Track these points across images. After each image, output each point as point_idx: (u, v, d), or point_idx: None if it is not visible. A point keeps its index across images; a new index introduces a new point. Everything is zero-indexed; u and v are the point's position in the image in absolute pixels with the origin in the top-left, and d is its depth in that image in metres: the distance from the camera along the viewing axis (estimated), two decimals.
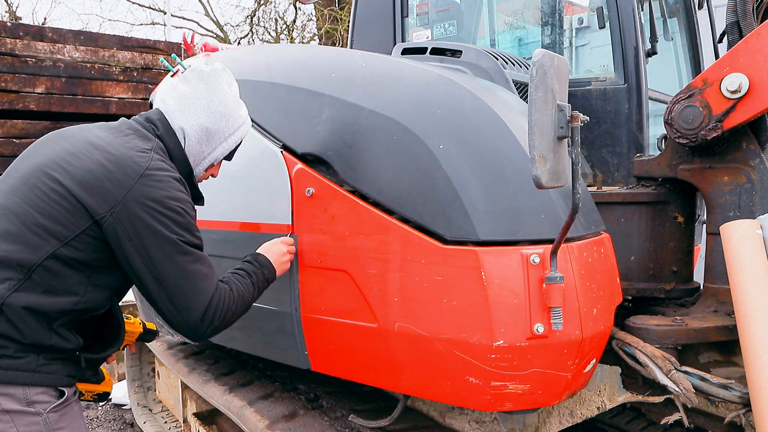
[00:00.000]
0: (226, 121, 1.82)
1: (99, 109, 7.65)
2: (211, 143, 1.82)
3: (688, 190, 2.27)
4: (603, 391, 2.29)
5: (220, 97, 1.79)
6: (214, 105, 1.78)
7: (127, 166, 1.55)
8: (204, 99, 1.77)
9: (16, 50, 7.09)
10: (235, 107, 1.84)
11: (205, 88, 1.77)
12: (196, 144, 1.79)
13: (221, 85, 1.80)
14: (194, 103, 1.76)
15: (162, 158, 1.66)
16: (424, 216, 1.82)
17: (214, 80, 1.79)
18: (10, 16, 16.68)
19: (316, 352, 2.16)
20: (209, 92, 1.78)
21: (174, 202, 1.58)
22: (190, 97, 1.76)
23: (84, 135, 1.65)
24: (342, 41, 12.89)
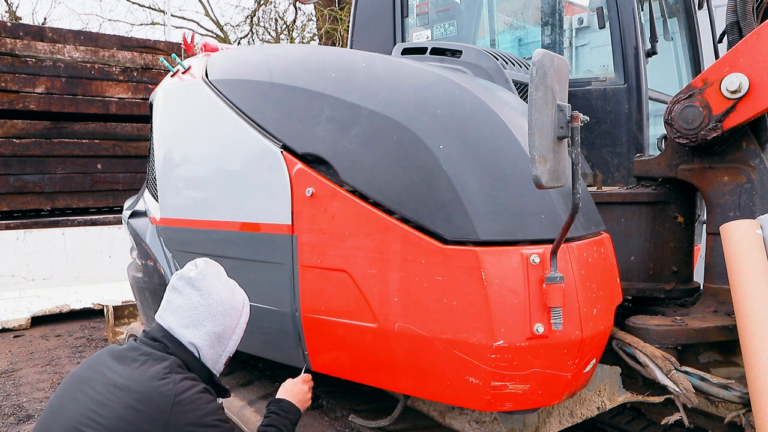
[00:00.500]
0: (230, 318, 1.83)
1: (99, 109, 7.65)
2: (223, 342, 1.84)
3: (688, 190, 2.27)
4: (603, 391, 2.29)
5: (216, 299, 1.80)
6: (213, 309, 1.79)
7: (157, 400, 1.59)
8: (202, 307, 1.78)
9: (16, 50, 7.09)
10: (231, 299, 1.84)
11: (198, 295, 1.78)
12: (209, 350, 1.81)
13: (212, 285, 1.81)
14: (194, 315, 1.77)
15: (184, 375, 1.69)
16: (424, 216, 1.82)
17: (203, 283, 1.79)
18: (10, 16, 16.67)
19: (316, 352, 2.16)
20: (204, 297, 1.78)
21: (209, 418, 1.64)
22: (188, 309, 1.78)
23: (103, 376, 1.67)
24: (342, 41, 12.89)
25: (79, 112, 7.51)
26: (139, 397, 1.59)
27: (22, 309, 6.55)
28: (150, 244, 2.96)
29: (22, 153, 7.10)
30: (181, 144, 2.81)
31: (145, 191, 3.26)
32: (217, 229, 2.45)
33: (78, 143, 7.52)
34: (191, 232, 2.62)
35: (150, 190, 3.13)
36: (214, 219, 2.48)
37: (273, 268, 2.22)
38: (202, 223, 2.55)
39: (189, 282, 1.79)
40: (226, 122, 2.43)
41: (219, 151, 2.52)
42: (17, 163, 7.08)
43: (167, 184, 2.83)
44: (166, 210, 2.82)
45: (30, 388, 4.62)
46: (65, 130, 7.45)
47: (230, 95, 2.46)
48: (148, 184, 3.19)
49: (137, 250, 3.21)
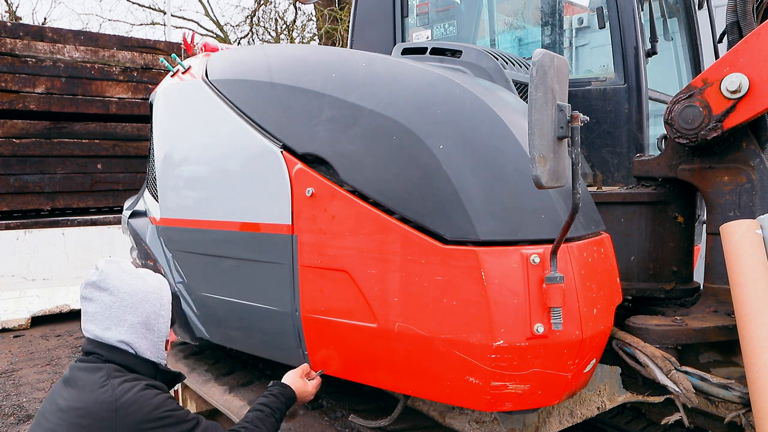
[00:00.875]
0: (150, 304, 1.82)
1: (99, 109, 7.65)
2: (153, 329, 1.83)
3: (688, 190, 2.27)
4: (603, 391, 2.29)
5: (127, 291, 1.79)
6: (127, 301, 1.78)
7: (99, 410, 1.62)
8: (116, 304, 1.77)
9: (16, 50, 7.10)
10: (144, 286, 1.83)
11: (107, 294, 1.78)
12: (143, 341, 1.80)
13: (118, 280, 1.80)
14: (111, 314, 1.77)
15: (122, 378, 1.70)
16: (424, 216, 1.82)
17: (108, 282, 1.78)
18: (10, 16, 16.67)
19: (316, 352, 2.16)
20: (114, 294, 1.78)
21: (157, 412, 1.65)
22: (104, 311, 1.77)
23: (53, 404, 1.71)
24: (342, 41, 12.89)
25: (79, 112, 7.52)
26: (81, 413, 1.61)
27: (22, 309, 6.55)
28: (150, 244, 2.96)
29: (22, 153, 7.11)
30: (181, 144, 2.81)
31: (145, 191, 3.26)
32: (217, 229, 2.45)
33: (78, 143, 7.53)
34: (191, 232, 2.62)
35: (150, 190, 3.13)
36: (214, 219, 2.48)
37: (273, 268, 2.22)
38: (202, 223, 2.55)
39: (95, 286, 1.78)
40: (226, 122, 2.43)
41: (219, 151, 2.52)
42: (17, 163, 7.09)
43: (167, 184, 2.83)
44: (166, 210, 2.82)
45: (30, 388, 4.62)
46: (65, 130, 7.46)
47: (230, 95, 2.46)
48: (148, 184, 3.19)
49: (137, 250, 3.21)
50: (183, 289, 2.71)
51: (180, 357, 3.25)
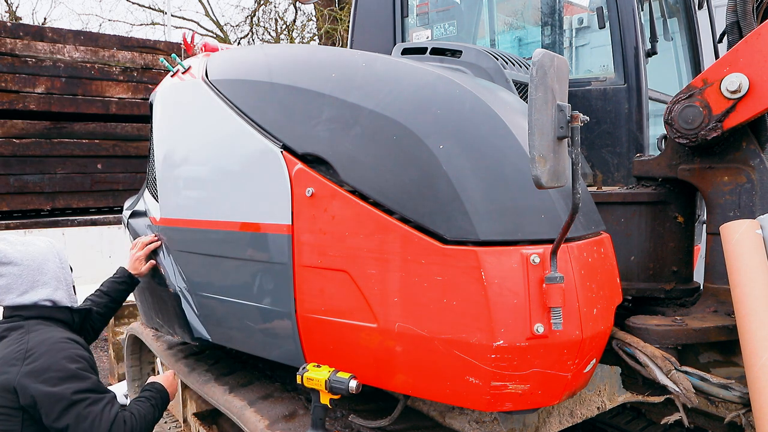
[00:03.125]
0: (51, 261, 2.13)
1: (99, 109, 7.65)
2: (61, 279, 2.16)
3: (688, 190, 2.26)
4: (603, 391, 2.29)
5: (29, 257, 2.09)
6: (33, 264, 2.09)
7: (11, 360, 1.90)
8: (25, 272, 2.07)
9: (16, 50, 7.09)
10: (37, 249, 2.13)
11: (12, 267, 2.07)
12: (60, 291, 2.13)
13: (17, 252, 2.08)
14: (25, 281, 2.07)
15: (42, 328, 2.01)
16: (424, 216, 1.82)
17: (9, 257, 2.07)
18: (10, 16, 16.68)
19: (314, 352, 2.16)
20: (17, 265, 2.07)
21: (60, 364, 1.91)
22: (16, 281, 2.07)
23: None
24: (342, 41, 12.89)
25: (79, 112, 7.52)
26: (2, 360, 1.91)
27: None
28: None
29: (22, 153, 7.10)
30: (181, 144, 2.81)
31: (145, 191, 3.26)
32: (217, 229, 2.45)
33: (78, 143, 7.52)
34: (191, 232, 2.62)
35: (150, 190, 3.12)
36: (214, 219, 2.48)
37: (273, 267, 2.22)
38: (202, 223, 2.55)
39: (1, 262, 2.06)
40: (226, 122, 2.43)
41: (219, 151, 2.52)
42: (17, 163, 7.09)
43: (167, 184, 2.82)
44: (166, 210, 2.82)
45: None
46: (65, 130, 7.45)
47: (230, 95, 2.46)
48: (148, 184, 3.19)
49: None
50: (183, 289, 2.71)
51: (180, 357, 3.25)
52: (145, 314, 3.30)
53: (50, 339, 1.97)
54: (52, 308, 2.11)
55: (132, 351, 4.16)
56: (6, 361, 1.91)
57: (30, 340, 1.95)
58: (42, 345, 1.93)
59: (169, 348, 3.43)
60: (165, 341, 3.53)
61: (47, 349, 1.92)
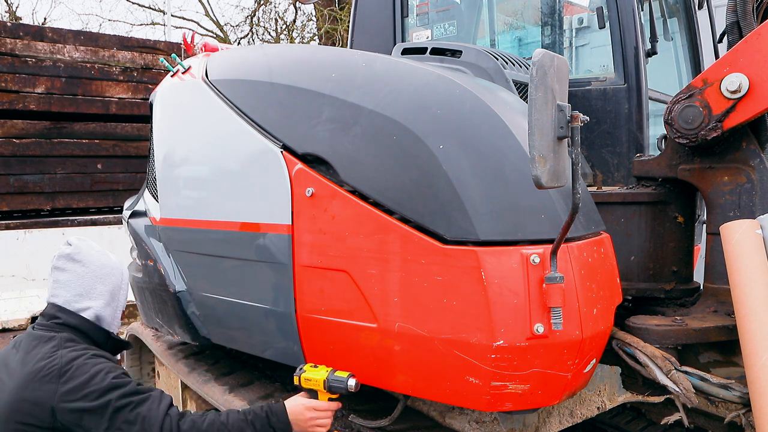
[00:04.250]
0: (115, 276, 2.06)
1: (99, 109, 7.65)
2: (116, 298, 2.06)
3: (688, 190, 2.26)
4: (603, 391, 2.29)
5: (97, 264, 2.02)
6: (98, 272, 2.01)
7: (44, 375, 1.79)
8: (89, 274, 1.99)
9: (16, 50, 7.09)
10: (109, 261, 2.07)
11: (80, 266, 1.99)
12: (107, 308, 2.02)
13: (90, 254, 2.02)
14: (84, 283, 1.98)
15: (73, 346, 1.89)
16: (424, 216, 1.82)
17: (81, 255, 2.01)
18: (10, 16, 16.68)
19: (314, 352, 2.16)
20: (86, 266, 2.00)
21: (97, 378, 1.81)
22: (77, 280, 1.98)
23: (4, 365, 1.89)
24: (342, 41, 12.89)
25: (79, 112, 7.52)
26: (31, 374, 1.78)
27: (22, 309, 6.54)
28: (150, 244, 2.96)
29: (22, 153, 7.10)
30: (181, 144, 2.81)
31: (145, 191, 3.26)
32: (217, 229, 2.45)
33: (78, 143, 7.52)
34: (191, 232, 2.62)
35: (150, 190, 3.12)
36: (214, 219, 2.48)
37: (273, 267, 2.22)
38: (202, 223, 2.55)
39: (68, 258, 1.99)
40: (226, 122, 2.43)
41: (219, 151, 2.52)
42: (17, 163, 7.08)
43: (167, 184, 2.83)
44: (166, 210, 2.82)
45: None
46: (65, 130, 7.45)
47: (230, 95, 2.46)
48: (148, 184, 3.19)
49: (137, 250, 3.21)
50: (183, 289, 2.71)
51: (180, 357, 3.25)
52: (145, 314, 3.30)
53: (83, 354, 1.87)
54: (93, 325, 1.99)
55: (132, 351, 4.16)
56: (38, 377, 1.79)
57: (63, 356, 1.83)
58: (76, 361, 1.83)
59: (169, 348, 3.43)
60: (165, 341, 3.53)
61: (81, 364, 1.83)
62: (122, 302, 2.10)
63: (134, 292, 3.44)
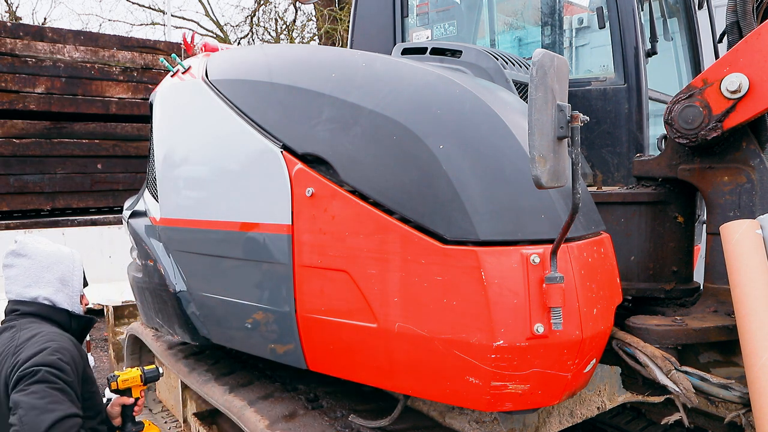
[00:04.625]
0: (64, 264, 2.20)
1: (99, 109, 7.65)
2: (69, 284, 2.20)
3: (688, 190, 2.26)
4: (603, 391, 2.29)
5: (43, 254, 2.16)
6: (44, 262, 2.15)
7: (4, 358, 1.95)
8: (34, 266, 2.14)
9: (16, 50, 7.09)
10: (57, 251, 2.21)
11: (26, 259, 2.14)
12: (60, 294, 2.17)
13: (35, 248, 2.16)
14: (30, 274, 2.13)
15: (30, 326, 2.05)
16: (424, 216, 1.82)
17: (26, 249, 2.16)
18: (10, 16, 16.68)
19: (313, 352, 2.16)
20: (31, 258, 2.15)
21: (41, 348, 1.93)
22: (24, 272, 2.14)
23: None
24: (342, 41, 12.89)
25: (79, 112, 7.52)
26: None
27: None
28: (150, 244, 2.96)
29: (22, 153, 7.10)
30: (181, 144, 2.81)
31: (145, 191, 3.26)
32: (217, 229, 2.45)
33: (78, 143, 7.52)
34: (191, 232, 2.62)
35: (150, 190, 3.12)
36: (213, 219, 2.48)
37: (273, 267, 2.22)
38: (202, 223, 2.55)
39: (14, 254, 2.15)
40: (226, 122, 2.43)
41: (219, 151, 2.52)
42: (17, 163, 7.08)
43: (167, 184, 2.83)
44: (166, 210, 2.82)
45: None
46: (65, 130, 7.45)
47: (230, 95, 2.46)
48: (148, 184, 3.19)
49: (137, 250, 3.21)
50: (183, 289, 2.71)
51: (180, 357, 3.25)
52: (145, 314, 3.30)
53: (39, 333, 2.02)
54: (50, 308, 2.15)
55: (132, 351, 4.16)
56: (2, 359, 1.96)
57: (20, 337, 2.00)
58: (30, 339, 1.98)
59: (169, 348, 3.43)
60: (165, 341, 3.53)
61: (35, 341, 1.97)
62: (77, 287, 2.24)
63: (134, 292, 3.44)
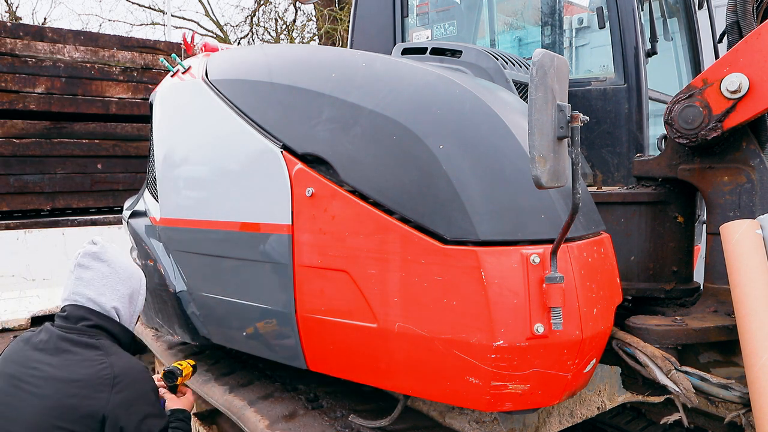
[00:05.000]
0: (135, 280, 2.10)
1: (99, 109, 7.64)
2: (134, 302, 2.10)
3: (688, 190, 2.26)
4: (603, 391, 2.29)
5: (121, 266, 2.05)
6: (121, 274, 2.04)
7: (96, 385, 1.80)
8: (112, 275, 2.01)
9: (16, 50, 7.09)
10: (131, 265, 2.12)
11: (106, 266, 2.01)
12: (126, 310, 2.06)
13: (115, 255, 2.05)
14: (107, 283, 2.00)
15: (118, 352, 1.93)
16: (424, 216, 1.82)
17: (107, 255, 2.03)
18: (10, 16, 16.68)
19: (313, 352, 2.16)
20: (111, 266, 2.02)
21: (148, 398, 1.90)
22: (101, 279, 1.99)
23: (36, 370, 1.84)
24: (342, 41, 12.89)
25: (79, 112, 7.51)
26: (83, 384, 1.78)
27: (22, 309, 6.54)
28: (150, 244, 2.96)
29: (22, 153, 7.10)
30: (181, 144, 2.81)
31: (145, 191, 3.26)
32: (217, 229, 2.45)
33: (78, 143, 7.52)
34: (191, 232, 2.62)
35: (150, 190, 3.13)
36: (214, 219, 2.48)
37: (273, 267, 2.22)
38: (202, 223, 2.55)
39: (95, 257, 2.00)
40: (226, 122, 2.43)
41: (219, 151, 2.52)
42: (17, 163, 7.08)
43: (167, 184, 2.83)
44: (166, 210, 2.82)
45: None
46: (65, 130, 7.45)
47: (230, 95, 2.46)
48: (148, 184, 3.19)
49: (137, 250, 3.21)
50: (183, 289, 2.71)
51: (180, 357, 3.24)
52: (145, 314, 3.30)
53: (134, 368, 1.92)
54: (120, 325, 2.02)
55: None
56: (89, 385, 1.79)
57: (114, 365, 1.85)
58: (128, 373, 1.86)
59: (169, 348, 3.43)
60: (165, 341, 3.53)
61: (133, 378, 1.87)
62: (139, 307, 2.13)
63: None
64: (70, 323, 1.93)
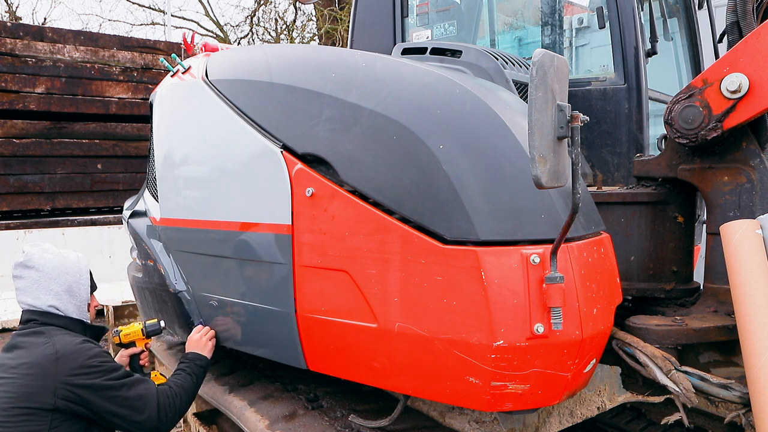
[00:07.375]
0: (70, 274, 2.23)
1: (99, 109, 7.65)
2: (76, 294, 2.24)
3: (688, 190, 2.27)
4: (603, 391, 2.29)
5: (49, 266, 2.19)
6: (51, 274, 2.19)
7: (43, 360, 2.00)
8: (42, 278, 2.18)
9: (16, 50, 7.09)
10: (63, 261, 2.24)
11: (33, 271, 2.18)
12: (69, 304, 2.21)
13: (41, 259, 2.19)
14: (39, 286, 2.17)
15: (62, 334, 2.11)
16: (424, 216, 1.82)
17: (33, 261, 2.19)
18: (10, 16, 16.68)
19: (313, 352, 2.16)
20: (38, 270, 2.18)
21: (90, 360, 2.04)
22: (32, 284, 2.17)
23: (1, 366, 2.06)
24: (342, 41, 12.89)
25: (79, 112, 7.52)
26: (29, 365, 1.99)
27: None
28: (150, 244, 2.96)
29: (22, 153, 7.10)
30: (181, 144, 2.81)
31: (145, 191, 3.26)
32: (217, 229, 2.45)
33: (78, 143, 7.52)
34: (191, 232, 2.62)
35: (150, 190, 3.12)
36: (213, 219, 2.48)
37: (273, 267, 2.22)
38: (201, 223, 2.55)
39: (23, 266, 2.19)
40: (226, 122, 2.43)
41: (219, 151, 2.52)
42: (17, 163, 7.09)
43: (167, 184, 2.83)
44: (166, 210, 2.82)
45: None
46: (65, 130, 7.46)
47: (230, 95, 2.46)
48: (148, 184, 3.19)
49: (137, 250, 3.21)
50: (183, 289, 2.71)
51: (180, 357, 3.24)
52: (145, 314, 3.30)
53: (73, 341, 2.08)
54: (67, 319, 2.19)
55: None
56: (39, 366, 1.99)
57: (56, 343, 2.04)
58: (68, 347, 2.04)
59: (169, 348, 3.43)
60: (165, 341, 3.53)
61: (74, 349, 2.04)
62: (84, 296, 2.28)
63: (134, 292, 3.44)
64: (22, 325, 2.17)
